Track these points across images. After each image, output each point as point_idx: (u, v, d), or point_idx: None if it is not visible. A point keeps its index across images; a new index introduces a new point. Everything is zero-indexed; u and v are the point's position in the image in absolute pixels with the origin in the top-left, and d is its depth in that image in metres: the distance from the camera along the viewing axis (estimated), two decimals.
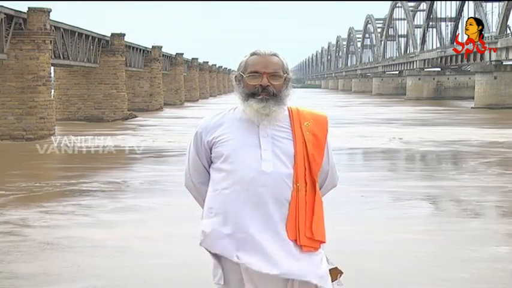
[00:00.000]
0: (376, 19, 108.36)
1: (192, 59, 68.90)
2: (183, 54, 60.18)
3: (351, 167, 14.58)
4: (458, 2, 67.36)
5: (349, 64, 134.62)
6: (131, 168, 15.06)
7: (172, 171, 13.97)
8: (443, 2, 71.48)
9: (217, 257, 2.76)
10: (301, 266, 2.66)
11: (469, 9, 63.02)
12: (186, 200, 9.88)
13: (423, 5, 79.64)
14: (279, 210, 2.68)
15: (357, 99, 70.40)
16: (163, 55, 50.76)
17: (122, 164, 16.06)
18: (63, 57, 29.39)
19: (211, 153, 2.80)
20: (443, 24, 71.83)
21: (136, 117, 36.29)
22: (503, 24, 49.03)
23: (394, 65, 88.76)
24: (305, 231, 2.68)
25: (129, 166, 15.60)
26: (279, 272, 2.64)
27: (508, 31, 49.00)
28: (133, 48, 42.71)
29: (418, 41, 77.08)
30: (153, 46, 48.05)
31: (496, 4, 49.12)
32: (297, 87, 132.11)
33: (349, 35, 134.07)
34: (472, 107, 48.72)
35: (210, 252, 2.77)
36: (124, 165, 15.68)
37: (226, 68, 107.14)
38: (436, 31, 72.73)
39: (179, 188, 11.22)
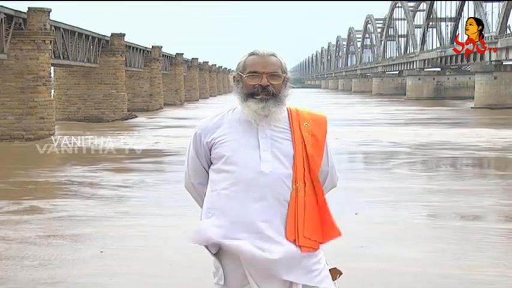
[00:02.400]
0: (376, 19, 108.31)
1: (192, 59, 68.90)
2: (183, 54, 60.19)
3: None
4: (458, 2, 67.32)
5: (349, 64, 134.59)
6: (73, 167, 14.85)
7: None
8: (443, 2, 71.50)
9: (218, 257, 2.76)
10: (298, 268, 2.66)
11: (469, 9, 63.03)
12: (88, 202, 10.04)
13: (423, 5, 79.60)
14: (279, 210, 2.68)
15: (337, 99, 70.93)
16: (163, 55, 50.77)
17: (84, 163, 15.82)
18: (63, 57, 29.40)
19: (210, 154, 2.80)
20: (443, 24, 71.78)
21: (136, 117, 36.30)
22: (503, 24, 48.99)
23: (394, 65, 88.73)
24: (304, 231, 2.68)
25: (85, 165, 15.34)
26: (277, 257, 2.63)
27: (508, 31, 48.96)
28: (133, 48, 42.71)
29: (418, 41, 77.04)
30: (153, 46, 48.05)
31: (496, 4, 49.10)
32: (297, 87, 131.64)
33: (349, 35, 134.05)
34: (472, 107, 48.72)
35: (210, 252, 2.77)
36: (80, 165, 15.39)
37: (226, 68, 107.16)
38: (436, 31, 72.69)
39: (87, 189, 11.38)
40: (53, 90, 29.64)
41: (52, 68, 28.40)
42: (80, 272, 6.03)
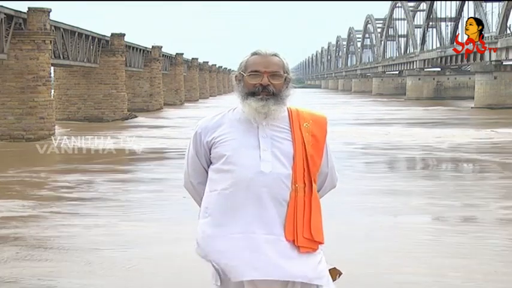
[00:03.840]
0: (376, 19, 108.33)
1: (192, 59, 68.90)
2: (183, 54, 60.17)
3: None
4: (458, 2, 67.32)
5: (349, 64, 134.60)
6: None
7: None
8: (443, 2, 71.50)
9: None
10: (299, 268, 2.66)
11: (469, 9, 63.04)
12: (26, 202, 10.05)
13: (423, 5, 79.61)
14: (278, 210, 2.68)
15: (328, 99, 70.90)
16: (163, 55, 50.75)
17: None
18: (63, 57, 29.39)
19: (210, 154, 2.80)
20: (443, 24, 71.80)
21: (136, 117, 36.29)
22: (503, 24, 48.98)
23: (394, 65, 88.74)
24: (303, 232, 2.68)
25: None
26: (276, 277, 2.64)
27: (508, 31, 48.94)
28: (133, 48, 42.70)
29: (418, 41, 77.05)
30: (153, 46, 48.03)
31: (496, 4, 49.09)
32: (297, 87, 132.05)
33: (349, 35, 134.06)
34: (472, 107, 48.75)
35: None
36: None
37: (226, 68, 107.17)
38: (436, 31, 72.70)
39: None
40: (53, 90, 29.63)
41: (52, 68, 28.39)
42: (2, 272, 6.06)
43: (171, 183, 11.78)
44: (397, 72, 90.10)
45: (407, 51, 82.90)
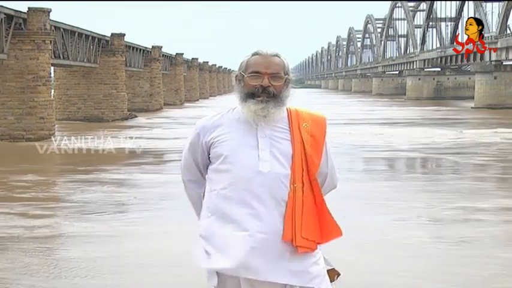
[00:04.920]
0: (376, 19, 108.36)
1: (192, 59, 68.91)
2: (183, 54, 60.18)
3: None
4: (458, 2, 67.35)
5: (349, 64, 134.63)
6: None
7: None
8: (443, 2, 71.54)
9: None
10: (295, 269, 2.66)
11: (469, 9, 63.07)
12: None
13: (423, 5, 79.64)
14: (276, 210, 2.67)
15: (324, 99, 70.83)
16: (163, 55, 50.75)
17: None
18: (63, 57, 29.39)
19: (209, 154, 2.80)
20: (443, 24, 71.84)
21: (136, 117, 36.29)
22: (503, 24, 49.00)
23: (394, 65, 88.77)
24: (301, 231, 2.67)
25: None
26: (270, 279, 2.64)
27: (508, 31, 48.97)
28: (133, 48, 42.70)
29: (418, 41, 77.06)
30: (153, 46, 48.04)
31: (496, 4, 49.10)
32: (297, 88, 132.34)
33: (349, 35, 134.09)
34: (472, 107, 48.78)
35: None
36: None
37: (226, 68, 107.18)
38: (436, 31, 72.73)
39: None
40: (53, 90, 29.62)
41: (52, 68, 28.37)
42: None
43: (141, 185, 11.61)
44: (397, 72, 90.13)
45: (407, 51, 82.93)
